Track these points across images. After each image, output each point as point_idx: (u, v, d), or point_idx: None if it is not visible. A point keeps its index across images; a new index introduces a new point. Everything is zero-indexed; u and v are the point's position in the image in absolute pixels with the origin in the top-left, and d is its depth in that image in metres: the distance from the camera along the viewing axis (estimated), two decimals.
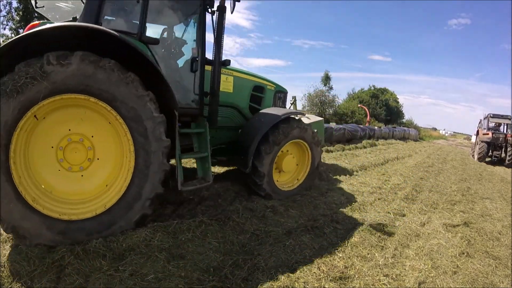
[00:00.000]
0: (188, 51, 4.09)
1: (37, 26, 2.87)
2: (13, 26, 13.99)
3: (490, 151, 15.29)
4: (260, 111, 4.85)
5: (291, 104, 7.23)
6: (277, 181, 4.69)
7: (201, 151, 3.79)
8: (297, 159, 4.93)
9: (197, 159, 3.89)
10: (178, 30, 4.30)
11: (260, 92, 5.13)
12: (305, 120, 6.39)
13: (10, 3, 13.76)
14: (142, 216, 3.01)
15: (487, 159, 15.56)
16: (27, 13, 13.78)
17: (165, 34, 4.23)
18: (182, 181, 3.32)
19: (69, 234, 2.64)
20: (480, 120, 17.84)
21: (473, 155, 16.71)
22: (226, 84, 4.48)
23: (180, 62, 4.15)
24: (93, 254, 2.55)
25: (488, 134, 14.98)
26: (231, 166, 5.54)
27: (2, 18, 13.82)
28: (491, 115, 16.32)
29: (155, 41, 3.41)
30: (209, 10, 3.83)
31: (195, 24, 3.94)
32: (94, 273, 2.36)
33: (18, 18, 13.93)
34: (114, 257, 2.59)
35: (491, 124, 16.43)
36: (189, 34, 4.13)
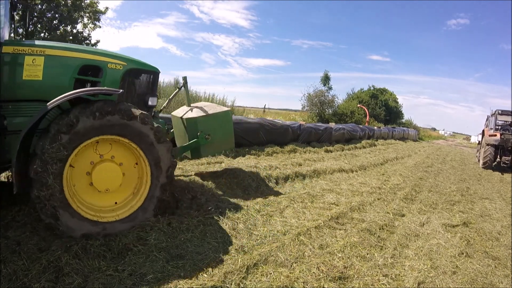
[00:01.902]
0: None
1: None
2: (13, 26, 13.98)
3: (498, 155, 12.30)
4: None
5: (179, 88, 5.29)
6: (92, 205, 3.01)
7: None
8: (128, 169, 3.18)
9: None
10: None
11: (95, 74, 3.48)
12: (182, 112, 4.88)
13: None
14: None
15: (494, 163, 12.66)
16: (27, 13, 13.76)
17: None
18: None
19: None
20: (487, 117, 14.34)
21: (478, 160, 13.79)
22: (33, 69, 3.09)
23: None
24: (92, 254, 2.56)
25: (495, 135, 11.85)
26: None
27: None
28: (500, 111, 12.85)
29: None
30: None
31: None
32: (93, 273, 2.35)
33: (17, 18, 13.91)
34: (113, 257, 2.60)
35: (500, 122, 13.06)
36: None
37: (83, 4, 15.62)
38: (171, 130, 5.29)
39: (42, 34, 14.78)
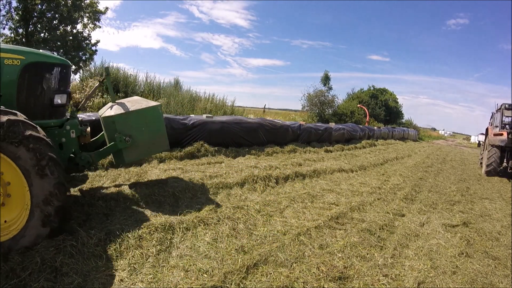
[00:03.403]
0: None
1: None
2: (13, 26, 13.96)
3: (505, 159, 10.13)
4: None
5: (100, 81, 4.49)
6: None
7: None
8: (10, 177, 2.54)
9: None
10: None
11: None
12: (103, 110, 4.21)
13: (10, 3, 13.73)
14: None
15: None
16: (27, 13, 13.75)
17: None
18: None
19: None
20: (492, 114, 11.90)
21: (480, 164, 11.78)
22: None
23: None
24: (87, 254, 2.55)
25: (501, 134, 9.53)
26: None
27: (1, 17, 13.78)
28: (506, 105, 10.41)
29: None
30: None
31: None
32: (92, 273, 2.36)
33: (17, 18, 13.91)
34: (112, 257, 2.60)
35: (507, 119, 10.65)
36: None
37: (83, 4, 15.62)
38: (102, 133, 4.22)
39: (42, 34, 14.78)
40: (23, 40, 13.75)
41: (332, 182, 6.24)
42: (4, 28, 13.92)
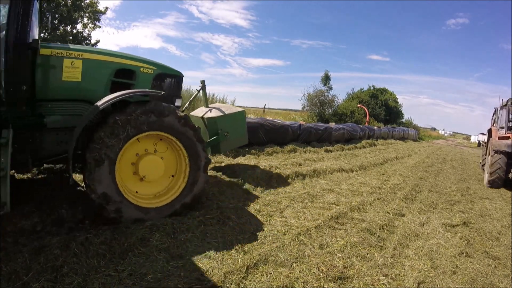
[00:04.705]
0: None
1: None
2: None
3: None
4: (96, 103, 3.20)
5: (198, 91, 5.76)
6: (137, 193, 3.41)
7: None
8: (169, 162, 3.59)
9: None
10: None
11: (128, 77, 3.78)
12: (201, 112, 5.45)
13: None
14: None
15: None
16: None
17: None
18: None
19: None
20: (495, 111, 10.08)
21: (482, 168, 10.22)
22: (72, 71, 3.33)
23: None
24: (92, 253, 2.56)
25: (509, 137, 7.68)
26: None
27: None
28: None
29: None
30: None
31: None
32: (92, 273, 2.35)
33: None
34: (113, 257, 2.59)
35: None
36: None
37: (83, 4, 15.62)
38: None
39: (42, 34, 14.78)
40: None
41: (332, 182, 6.23)
42: None
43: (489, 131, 9.42)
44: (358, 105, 28.53)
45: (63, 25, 15.18)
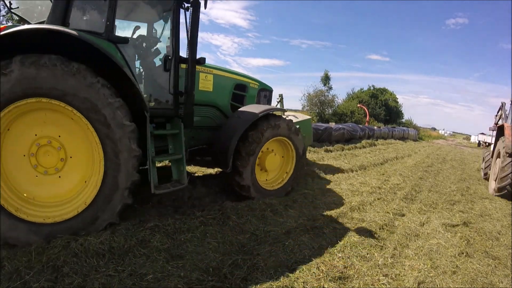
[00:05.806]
0: (162, 50, 3.96)
1: (2, 30, 2.67)
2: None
3: None
4: (239, 109, 4.61)
5: (278, 102, 7.19)
6: (266, 180, 4.71)
7: (175, 153, 3.67)
8: (280, 155, 4.82)
9: (172, 161, 3.77)
10: (152, 28, 4.15)
11: (242, 90, 5.02)
12: (292, 119, 6.39)
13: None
14: (123, 207, 3.02)
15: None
16: None
17: (138, 33, 4.01)
18: (156, 184, 3.24)
19: (56, 236, 2.67)
20: (501, 105, 8.88)
21: (485, 177, 8.76)
22: (206, 82, 4.42)
23: (154, 62, 3.99)
24: (91, 252, 2.55)
25: None
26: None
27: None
28: None
29: (124, 40, 3.26)
30: (183, 6, 3.70)
31: (169, 20, 3.80)
32: (92, 273, 2.35)
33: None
34: (113, 257, 2.59)
35: None
36: (164, 32, 4.01)
37: None
38: None
39: None
40: None
41: (332, 181, 6.24)
42: None
43: (500, 128, 7.62)
44: (358, 105, 28.53)
45: None
